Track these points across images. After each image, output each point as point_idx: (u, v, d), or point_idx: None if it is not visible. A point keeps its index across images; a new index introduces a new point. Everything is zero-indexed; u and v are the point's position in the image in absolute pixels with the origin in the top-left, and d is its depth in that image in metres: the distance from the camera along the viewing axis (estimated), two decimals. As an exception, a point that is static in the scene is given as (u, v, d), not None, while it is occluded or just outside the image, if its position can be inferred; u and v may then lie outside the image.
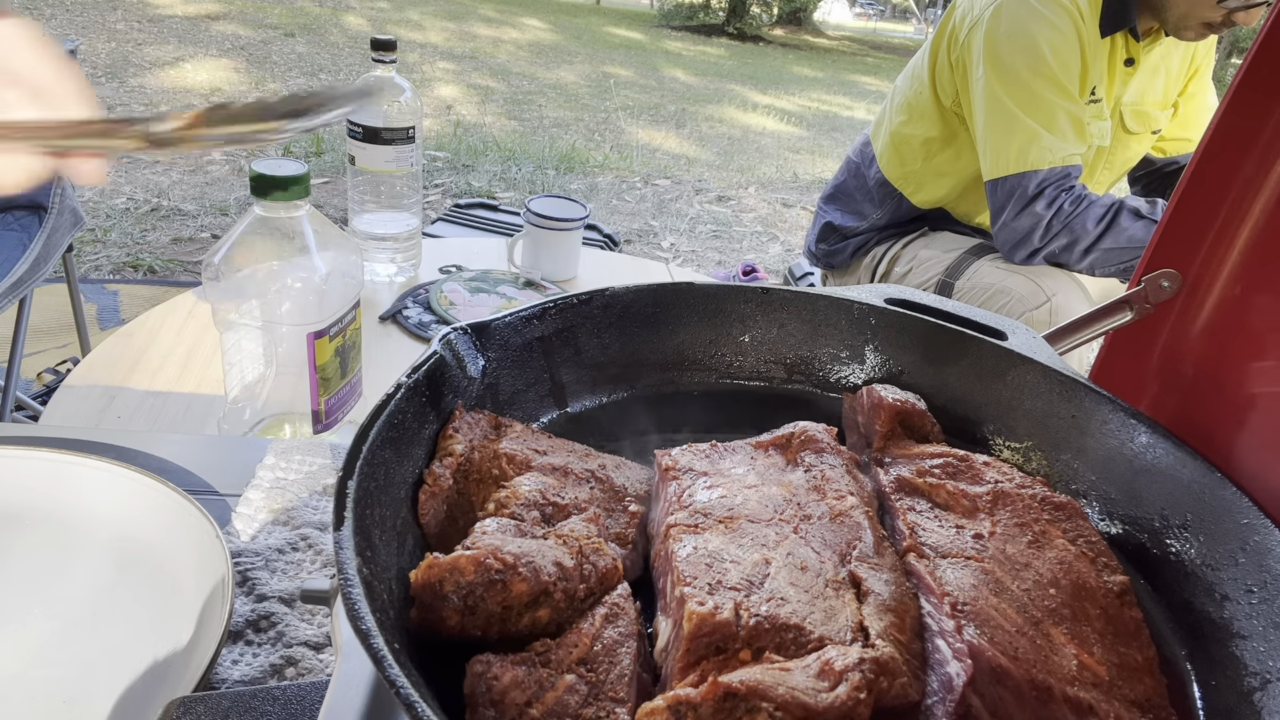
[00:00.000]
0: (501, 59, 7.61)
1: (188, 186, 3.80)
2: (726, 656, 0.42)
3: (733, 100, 7.50)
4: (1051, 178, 1.54)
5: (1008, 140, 1.57)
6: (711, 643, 0.42)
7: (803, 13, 14.35)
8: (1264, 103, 0.64)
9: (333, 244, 0.90)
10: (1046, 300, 1.61)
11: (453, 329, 0.58)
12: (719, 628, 0.42)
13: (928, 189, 1.82)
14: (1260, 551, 0.50)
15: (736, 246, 4.14)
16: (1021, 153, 1.55)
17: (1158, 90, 1.74)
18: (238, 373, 0.94)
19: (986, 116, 1.60)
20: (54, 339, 2.54)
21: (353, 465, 0.44)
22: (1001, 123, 1.57)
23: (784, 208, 4.83)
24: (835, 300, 0.71)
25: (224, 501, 0.74)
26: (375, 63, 1.41)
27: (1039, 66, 1.54)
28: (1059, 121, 1.55)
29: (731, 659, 0.41)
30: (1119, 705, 0.44)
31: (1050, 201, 1.55)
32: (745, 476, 0.55)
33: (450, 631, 0.42)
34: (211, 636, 0.56)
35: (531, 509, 0.50)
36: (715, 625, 0.42)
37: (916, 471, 0.58)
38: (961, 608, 0.45)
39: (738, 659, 0.41)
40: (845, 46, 13.40)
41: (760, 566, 0.46)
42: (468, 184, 4.32)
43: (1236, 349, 0.66)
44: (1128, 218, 1.51)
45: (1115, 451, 0.61)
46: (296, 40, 6.93)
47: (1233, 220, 0.67)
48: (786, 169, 5.61)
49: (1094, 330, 0.76)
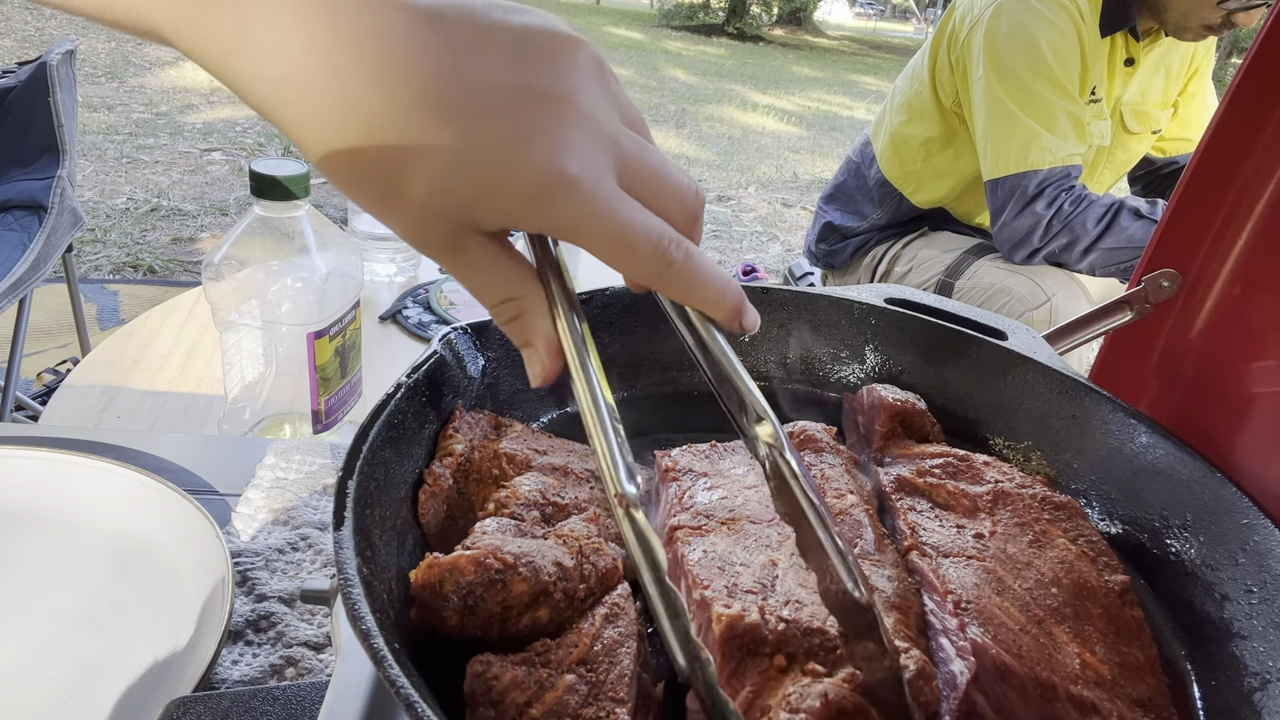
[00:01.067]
0: (501, 59, 7.59)
1: (188, 186, 3.80)
2: (758, 659, 0.41)
3: (733, 100, 7.50)
4: (1052, 178, 1.55)
5: (1008, 140, 1.57)
6: (743, 644, 0.41)
7: (803, 12, 14.36)
8: (1264, 103, 0.64)
9: (333, 244, 0.90)
10: (1047, 300, 1.61)
11: (453, 329, 0.58)
12: (749, 630, 0.41)
13: (928, 189, 1.82)
14: (1260, 551, 0.50)
15: (736, 246, 4.14)
16: (1021, 153, 1.55)
17: (1157, 90, 1.74)
18: (238, 373, 0.94)
19: (986, 116, 1.60)
20: (54, 339, 2.54)
21: (353, 465, 0.44)
22: (1002, 123, 1.57)
23: (784, 208, 4.83)
24: (835, 300, 0.71)
25: (224, 501, 0.74)
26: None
27: (1039, 66, 1.54)
28: (1059, 121, 1.55)
29: (768, 667, 0.41)
30: (1121, 704, 0.44)
31: (1050, 201, 1.55)
32: (745, 477, 0.55)
33: (450, 631, 0.42)
34: (211, 636, 0.56)
35: (531, 509, 0.50)
36: (746, 628, 0.41)
37: (916, 471, 0.58)
38: (965, 606, 0.45)
39: (773, 665, 0.41)
40: (845, 46, 13.41)
41: (768, 568, 0.46)
42: (468, 184, 4.31)
43: (1236, 349, 0.66)
44: (1128, 217, 1.52)
45: (1115, 451, 0.61)
46: (296, 40, 6.92)
47: (1233, 220, 0.67)
48: (786, 169, 5.61)
49: (1094, 330, 0.76)
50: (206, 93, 5.20)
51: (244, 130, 4.66)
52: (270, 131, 4.69)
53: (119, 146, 4.14)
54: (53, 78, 1.79)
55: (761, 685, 0.40)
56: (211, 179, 3.92)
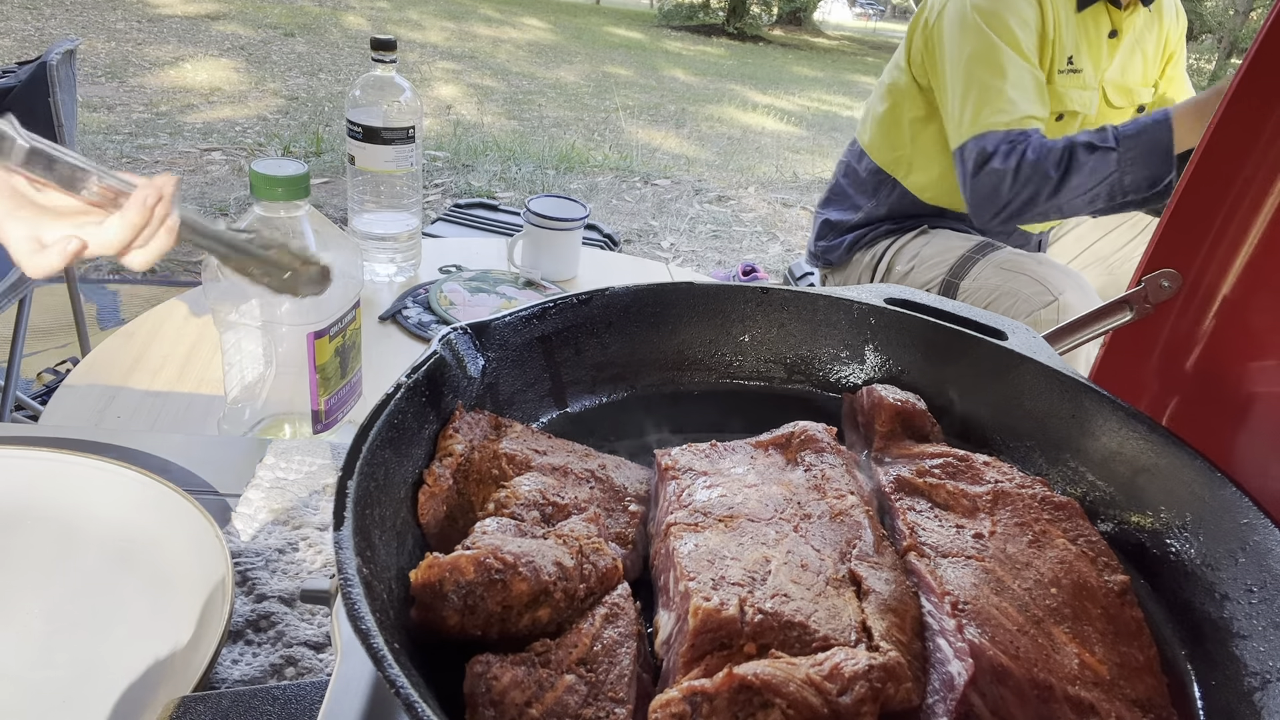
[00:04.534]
0: (501, 59, 7.61)
1: (188, 186, 3.80)
2: (731, 652, 0.42)
3: (733, 100, 7.50)
4: (1009, 136, 1.57)
5: (964, 106, 1.61)
6: (716, 638, 0.42)
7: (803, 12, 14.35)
8: (1264, 103, 0.64)
9: (333, 244, 0.90)
10: (1054, 299, 1.61)
11: (453, 329, 0.58)
12: (725, 623, 0.42)
13: (919, 170, 1.84)
14: (1260, 551, 0.50)
15: (736, 246, 4.14)
16: (976, 115, 1.60)
17: (1137, 69, 1.78)
18: (238, 373, 0.94)
19: (952, 85, 1.64)
20: (54, 339, 2.54)
21: (353, 465, 0.44)
22: (965, 89, 1.62)
23: (784, 208, 4.83)
24: (835, 300, 0.71)
25: (224, 501, 0.74)
26: (375, 62, 1.41)
27: (1000, 30, 1.59)
28: (1017, 82, 1.58)
29: (736, 654, 0.42)
30: (1120, 704, 0.44)
31: (1007, 155, 1.57)
32: (745, 476, 0.55)
33: (450, 631, 0.42)
34: (211, 636, 0.56)
35: (531, 509, 0.50)
36: (721, 621, 0.42)
37: (916, 471, 0.58)
38: (962, 607, 0.45)
39: (742, 654, 0.41)
40: (845, 46, 13.40)
41: (761, 564, 0.46)
42: (468, 184, 4.32)
43: (1236, 349, 0.67)
44: (1083, 153, 1.55)
45: (1115, 451, 0.61)
46: (296, 40, 6.93)
47: (1233, 220, 0.67)
48: (786, 169, 5.61)
49: (1094, 330, 0.76)
50: (206, 93, 5.20)
51: (244, 130, 4.66)
52: (270, 131, 4.69)
53: (119, 146, 4.14)
54: (53, 78, 1.79)
55: (716, 668, 0.40)
56: (211, 179, 3.92)
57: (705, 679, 0.39)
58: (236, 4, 7.84)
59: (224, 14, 7.38)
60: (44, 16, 6.30)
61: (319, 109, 5.23)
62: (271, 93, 5.42)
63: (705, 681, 0.38)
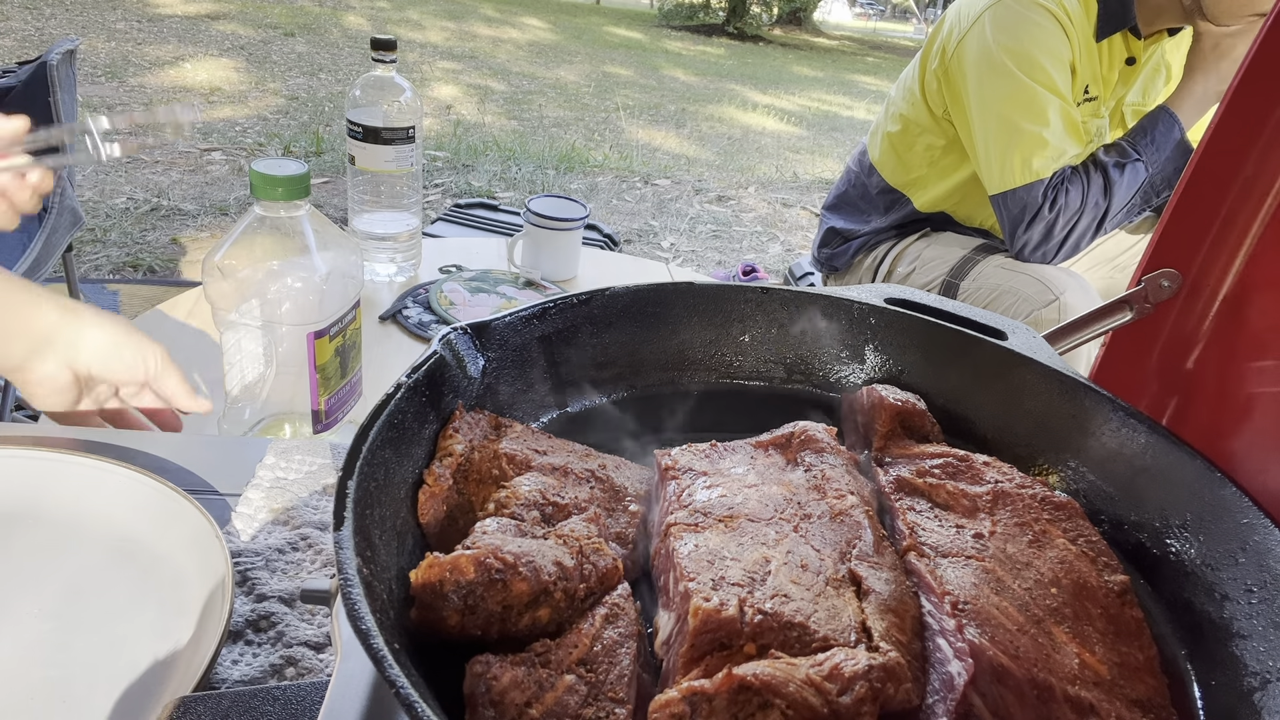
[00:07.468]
0: (501, 59, 7.61)
1: (188, 186, 3.80)
2: (731, 652, 0.42)
3: (733, 100, 7.50)
4: (1054, 181, 1.57)
5: (1010, 152, 1.58)
6: (716, 638, 0.42)
7: (803, 12, 14.34)
8: (1264, 103, 0.64)
9: (333, 244, 0.90)
10: (1055, 299, 1.61)
11: (453, 329, 0.58)
12: (724, 624, 0.42)
13: (932, 191, 1.84)
14: (1260, 551, 0.50)
15: (736, 246, 4.14)
16: (1025, 163, 1.58)
17: (1159, 89, 1.74)
18: (238, 373, 0.94)
19: (984, 128, 1.61)
20: (54, 339, 2.53)
21: (353, 465, 0.44)
22: (1002, 134, 1.59)
23: (784, 208, 4.83)
24: (835, 300, 0.71)
25: (224, 501, 0.74)
26: (375, 62, 1.41)
27: (1032, 71, 1.56)
28: (1058, 124, 1.56)
29: (736, 654, 0.42)
30: (1120, 705, 0.44)
31: (1054, 202, 1.58)
32: (745, 476, 0.55)
33: (450, 631, 0.42)
34: (211, 636, 0.56)
35: (531, 509, 0.50)
36: (721, 621, 0.42)
37: (916, 471, 0.58)
38: (962, 607, 0.45)
39: (742, 654, 0.41)
40: (845, 46, 13.40)
41: (761, 565, 0.46)
42: (468, 184, 4.32)
43: (1236, 349, 0.67)
44: (1115, 173, 1.58)
45: (1115, 451, 0.61)
46: (296, 40, 6.93)
47: (1233, 220, 0.67)
48: (786, 169, 5.61)
49: (1094, 330, 0.76)
50: (206, 93, 5.20)
51: (244, 130, 4.66)
52: (270, 131, 4.69)
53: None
54: (53, 78, 1.79)
55: (715, 669, 0.40)
56: (211, 179, 3.92)
57: (705, 679, 0.39)
58: (236, 4, 7.84)
59: (224, 14, 7.38)
60: (44, 16, 6.30)
61: (319, 109, 5.23)
62: (271, 93, 5.42)
63: (705, 682, 0.38)
